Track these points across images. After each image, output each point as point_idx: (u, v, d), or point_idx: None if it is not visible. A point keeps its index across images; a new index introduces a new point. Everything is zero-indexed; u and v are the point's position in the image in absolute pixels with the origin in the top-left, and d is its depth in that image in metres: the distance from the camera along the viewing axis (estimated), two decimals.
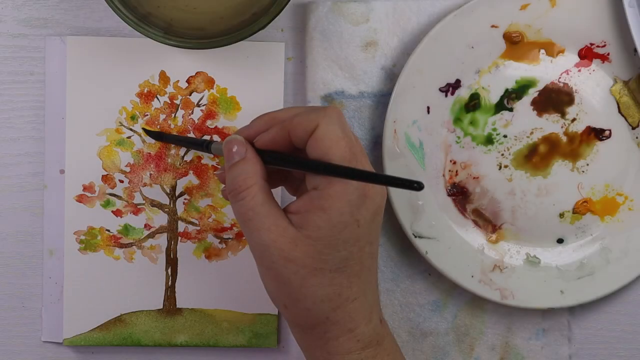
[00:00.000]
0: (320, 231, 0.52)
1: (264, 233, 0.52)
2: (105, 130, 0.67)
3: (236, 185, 0.54)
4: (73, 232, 0.68)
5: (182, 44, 0.61)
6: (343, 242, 0.52)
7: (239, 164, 0.55)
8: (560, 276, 0.69)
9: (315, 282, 0.52)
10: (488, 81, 0.68)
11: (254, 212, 0.53)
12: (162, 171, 0.68)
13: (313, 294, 0.53)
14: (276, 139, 0.55)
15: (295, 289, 0.53)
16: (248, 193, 0.53)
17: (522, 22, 0.67)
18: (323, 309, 0.53)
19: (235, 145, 0.55)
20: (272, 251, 0.52)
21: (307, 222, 0.52)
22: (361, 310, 0.54)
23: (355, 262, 0.53)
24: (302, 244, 0.52)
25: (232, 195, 0.54)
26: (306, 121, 0.53)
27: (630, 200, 0.69)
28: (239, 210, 0.54)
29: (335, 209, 0.52)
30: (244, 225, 0.54)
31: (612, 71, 0.68)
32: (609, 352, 0.71)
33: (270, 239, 0.52)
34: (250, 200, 0.53)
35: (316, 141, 0.53)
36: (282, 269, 0.52)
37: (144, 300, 0.68)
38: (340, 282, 0.53)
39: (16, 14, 0.67)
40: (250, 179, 0.54)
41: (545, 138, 0.69)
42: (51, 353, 0.69)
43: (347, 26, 0.67)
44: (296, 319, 0.55)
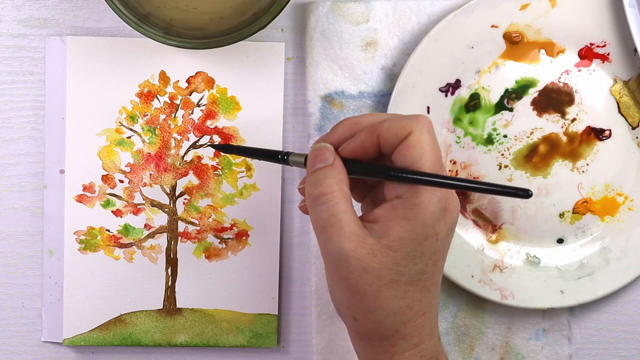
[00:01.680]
0: (401, 242, 0.51)
1: (344, 241, 0.51)
2: (105, 130, 0.67)
3: (319, 190, 0.52)
4: (73, 232, 0.68)
5: (182, 44, 0.61)
6: (421, 254, 0.51)
7: (324, 169, 0.53)
8: (560, 276, 0.69)
9: (389, 295, 0.51)
10: (488, 81, 0.68)
11: (336, 219, 0.51)
12: (162, 171, 0.68)
13: (386, 307, 0.51)
14: (365, 144, 0.53)
15: (369, 300, 0.51)
16: (332, 198, 0.51)
17: (522, 22, 0.67)
18: (394, 322, 0.52)
19: (324, 152, 0.53)
20: (350, 261, 0.50)
21: (388, 232, 0.51)
22: (427, 325, 0.53)
23: (429, 276, 0.52)
24: (381, 254, 0.51)
25: (313, 199, 0.52)
26: (398, 127, 0.52)
27: (630, 200, 0.69)
28: (320, 215, 0.51)
29: (419, 220, 0.51)
30: (323, 231, 0.51)
31: (612, 71, 0.68)
32: (609, 352, 0.71)
33: (350, 248, 0.50)
34: (333, 206, 0.51)
35: (408, 148, 0.51)
36: (358, 279, 0.51)
37: (144, 300, 0.68)
38: (413, 296, 0.52)
39: (16, 14, 0.67)
40: (334, 184, 0.52)
41: (545, 138, 0.69)
42: (51, 353, 0.69)
43: (347, 26, 0.67)
44: (365, 331, 0.53)
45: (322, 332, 0.69)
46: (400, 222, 0.51)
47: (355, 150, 0.53)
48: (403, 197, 0.51)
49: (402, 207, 0.51)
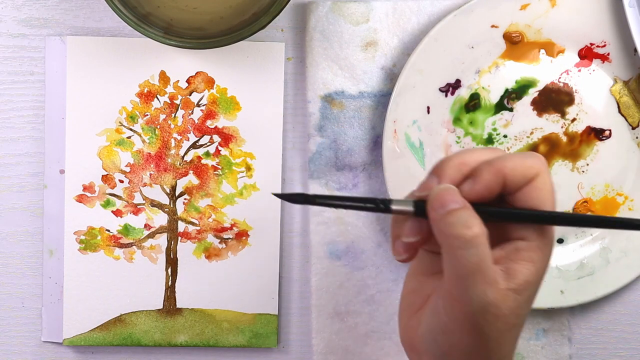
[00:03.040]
0: (527, 285, 0.49)
1: (488, 288, 0.48)
2: (105, 130, 0.67)
3: (471, 232, 0.48)
4: (73, 232, 0.68)
5: (182, 44, 0.61)
6: (535, 295, 0.50)
7: (460, 211, 0.48)
8: (560, 276, 0.69)
9: (507, 339, 0.50)
10: (488, 81, 0.68)
11: (485, 264, 0.48)
12: (162, 171, 0.68)
13: (500, 351, 0.50)
14: (491, 186, 0.49)
15: (492, 345, 0.49)
16: (482, 241, 0.48)
17: (522, 22, 0.67)
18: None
19: (454, 194, 0.49)
20: (489, 308, 0.48)
21: (515, 275, 0.49)
22: None
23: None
24: (509, 299, 0.48)
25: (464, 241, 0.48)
26: (524, 168, 0.49)
27: (630, 200, 0.69)
28: (470, 259, 0.48)
29: (543, 262, 0.50)
30: (468, 277, 0.48)
31: (612, 71, 0.68)
32: (609, 352, 0.71)
33: (492, 295, 0.48)
34: (483, 250, 0.48)
35: (536, 190, 0.49)
36: (489, 325, 0.48)
37: (144, 300, 0.68)
38: (517, 336, 0.51)
39: (16, 14, 0.67)
40: (477, 227, 0.48)
41: (545, 138, 0.69)
42: (51, 353, 0.69)
43: (347, 26, 0.67)
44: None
45: (322, 332, 0.69)
46: (527, 265, 0.49)
47: (482, 194, 0.50)
48: (528, 239, 0.49)
49: (527, 249, 0.49)
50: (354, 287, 0.69)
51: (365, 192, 0.69)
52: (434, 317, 0.50)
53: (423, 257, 0.54)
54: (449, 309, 0.49)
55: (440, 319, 0.50)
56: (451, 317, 0.49)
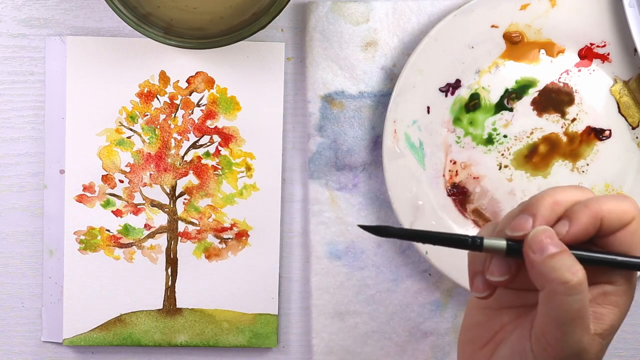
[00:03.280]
0: (612, 329, 0.49)
1: (585, 335, 0.47)
2: (105, 130, 0.67)
3: (577, 278, 0.47)
4: (73, 232, 0.68)
5: (182, 44, 0.61)
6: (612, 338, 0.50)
7: (562, 255, 0.47)
8: None
9: None
10: (488, 81, 0.68)
11: (586, 311, 0.47)
12: (162, 171, 0.68)
13: None
14: (587, 228, 0.49)
15: None
16: (584, 288, 0.47)
17: (522, 22, 0.67)
18: None
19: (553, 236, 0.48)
20: (583, 355, 0.48)
21: (601, 320, 0.49)
22: None
23: None
24: (596, 343, 0.48)
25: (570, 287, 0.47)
26: (621, 211, 0.49)
27: None
28: (573, 305, 0.47)
29: (626, 307, 0.50)
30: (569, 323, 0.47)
31: (612, 71, 0.68)
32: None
33: (588, 341, 0.48)
34: (585, 296, 0.47)
35: (630, 235, 0.49)
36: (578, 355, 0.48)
37: (143, 300, 0.68)
38: None
39: (16, 14, 0.67)
40: (581, 272, 0.47)
41: (545, 138, 0.69)
42: (51, 353, 0.69)
43: (347, 26, 0.67)
44: None
45: (322, 332, 0.69)
46: (613, 309, 0.49)
47: (579, 237, 0.49)
48: (616, 284, 0.49)
49: (615, 293, 0.49)
50: (354, 287, 0.69)
51: (365, 192, 0.69)
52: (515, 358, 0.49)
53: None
54: (539, 352, 0.48)
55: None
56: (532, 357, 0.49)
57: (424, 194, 0.68)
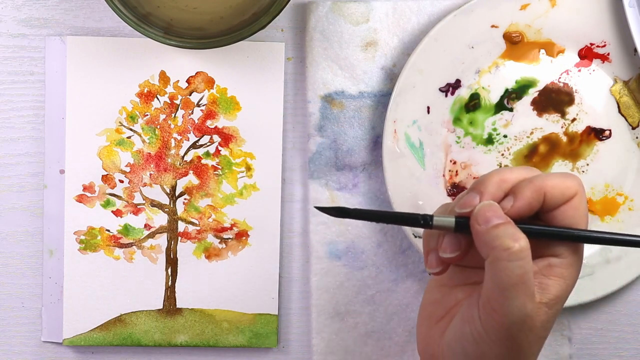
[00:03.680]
0: (557, 300, 0.51)
1: (528, 301, 0.49)
2: (105, 130, 0.67)
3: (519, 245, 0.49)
4: (73, 232, 0.68)
5: (182, 44, 0.61)
6: (560, 310, 0.52)
7: (506, 225, 0.50)
8: None
9: (534, 351, 0.51)
10: (488, 81, 0.68)
11: (528, 277, 0.49)
12: (162, 171, 0.68)
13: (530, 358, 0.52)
14: (532, 204, 0.51)
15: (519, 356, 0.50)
16: (528, 254, 0.49)
17: (522, 22, 0.67)
18: None
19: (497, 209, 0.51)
20: (526, 320, 0.49)
21: (547, 290, 0.51)
22: None
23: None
24: (542, 312, 0.51)
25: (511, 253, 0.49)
26: (564, 187, 0.51)
27: (630, 200, 0.69)
28: (515, 272, 0.49)
29: (572, 279, 0.52)
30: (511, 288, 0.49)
31: (612, 71, 0.68)
32: (609, 352, 0.71)
33: (531, 307, 0.49)
34: (527, 263, 0.49)
35: (573, 209, 0.51)
36: (523, 337, 0.50)
37: (144, 300, 0.68)
38: (540, 349, 0.52)
39: (16, 14, 0.67)
40: (523, 240, 0.49)
41: (545, 138, 0.69)
42: (51, 353, 0.69)
43: (347, 26, 0.67)
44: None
45: (322, 332, 0.69)
46: (558, 280, 0.51)
47: (522, 210, 0.51)
48: (562, 256, 0.51)
49: (560, 266, 0.51)
50: (354, 287, 0.69)
51: (365, 192, 0.69)
52: (465, 326, 0.51)
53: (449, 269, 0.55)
54: (485, 319, 0.50)
55: (474, 329, 0.51)
56: (487, 327, 0.50)
57: (424, 194, 0.68)
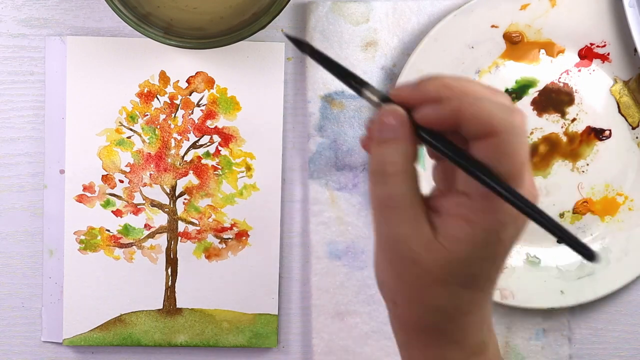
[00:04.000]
0: (458, 243, 0.45)
1: (399, 226, 0.46)
2: (105, 130, 0.67)
3: (381, 167, 0.46)
4: (73, 232, 0.68)
5: (182, 44, 0.61)
6: (480, 259, 0.46)
7: (390, 144, 0.46)
8: (560, 276, 0.69)
9: (435, 293, 0.46)
10: (488, 81, 0.68)
11: (394, 202, 0.46)
12: (162, 171, 0.68)
13: (429, 303, 0.47)
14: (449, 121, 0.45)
15: (414, 292, 0.47)
16: (393, 180, 0.46)
17: (522, 22, 0.67)
18: (435, 319, 0.47)
19: (393, 119, 0.46)
20: (402, 247, 0.46)
21: (446, 229, 0.46)
22: (473, 323, 0.48)
23: (485, 279, 0.47)
24: (435, 250, 0.46)
25: (375, 175, 0.47)
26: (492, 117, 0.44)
27: (630, 200, 0.69)
28: (379, 194, 0.46)
29: (481, 226, 0.45)
30: (379, 211, 0.47)
31: (612, 71, 0.68)
32: (609, 352, 0.71)
33: (405, 234, 0.46)
34: (392, 188, 0.46)
35: (496, 146, 0.44)
36: (406, 268, 0.46)
37: (144, 300, 0.68)
38: (462, 297, 0.47)
39: (16, 14, 0.67)
40: (398, 164, 0.46)
41: (545, 138, 0.69)
42: (51, 353, 0.69)
43: (347, 26, 0.67)
44: (404, 319, 0.49)
45: (322, 332, 0.69)
46: (461, 222, 0.45)
47: (434, 122, 0.46)
48: (471, 197, 0.45)
49: (466, 207, 0.45)
50: (354, 287, 0.69)
51: (365, 192, 0.69)
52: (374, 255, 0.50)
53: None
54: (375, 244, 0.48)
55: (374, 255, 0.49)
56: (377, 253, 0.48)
57: None
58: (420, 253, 0.46)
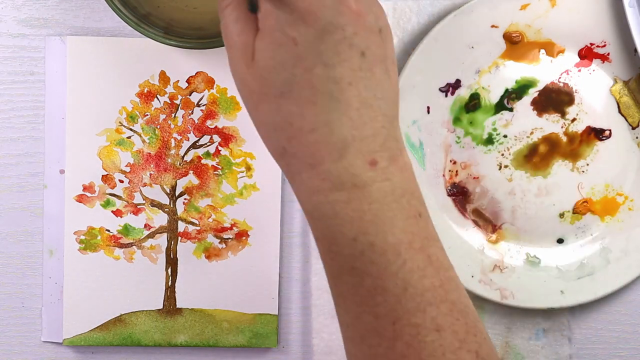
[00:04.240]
0: (258, 52, 0.48)
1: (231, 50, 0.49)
2: (105, 130, 0.67)
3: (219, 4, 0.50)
4: (73, 232, 0.68)
5: (182, 44, 0.61)
6: (280, 63, 0.47)
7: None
8: (560, 276, 0.69)
9: (265, 109, 0.48)
10: (488, 81, 0.68)
11: (228, 30, 0.49)
12: (162, 171, 0.68)
13: (265, 121, 0.49)
14: None
15: (252, 113, 0.50)
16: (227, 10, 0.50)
17: (522, 22, 0.67)
18: (278, 138, 0.49)
19: None
20: (237, 73, 0.49)
21: (256, 44, 0.48)
22: (324, 144, 0.47)
23: (304, 87, 0.47)
24: (251, 66, 0.48)
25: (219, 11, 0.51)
26: None
27: (630, 200, 0.69)
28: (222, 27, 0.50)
29: (267, 28, 0.47)
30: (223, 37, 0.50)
31: (612, 71, 0.68)
32: (609, 352, 0.71)
33: (236, 55, 0.49)
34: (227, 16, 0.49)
35: None
36: (241, 90, 0.50)
37: (144, 300, 0.68)
38: (289, 110, 0.48)
39: (16, 14, 0.67)
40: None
41: (545, 138, 0.69)
42: (51, 353, 0.69)
43: None
44: (266, 146, 0.51)
45: (322, 332, 0.69)
46: (257, 34, 0.48)
47: None
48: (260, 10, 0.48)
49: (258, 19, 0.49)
50: None
51: None
52: None
53: None
54: None
55: None
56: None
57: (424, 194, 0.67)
58: (244, 72, 0.49)
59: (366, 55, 0.48)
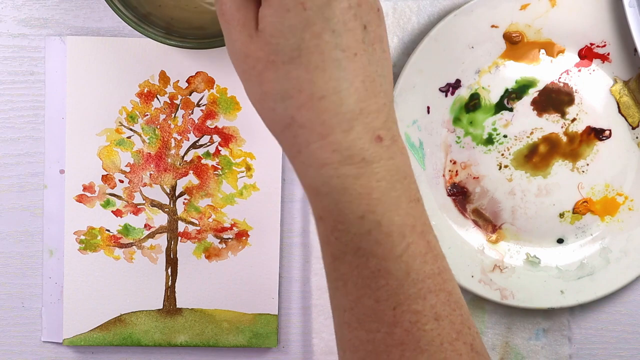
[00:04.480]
0: (265, 19, 0.47)
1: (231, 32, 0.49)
2: (105, 130, 0.67)
3: None
4: (73, 232, 0.68)
5: (182, 44, 0.61)
6: (289, 28, 0.46)
7: None
8: (560, 276, 0.69)
9: (271, 77, 0.47)
10: (488, 81, 0.68)
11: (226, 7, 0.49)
12: (162, 171, 0.68)
13: (270, 91, 0.47)
14: None
15: (254, 87, 0.48)
16: None
17: (522, 22, 0.67)
18: (285, 107, 0.47)
19: None
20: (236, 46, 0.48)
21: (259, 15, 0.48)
22: (334, 112, 0.47)
23: (313, 52, 0.47)
24: (256, 37, 0.47)
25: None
26: None
27: (630, 200, 0.69)
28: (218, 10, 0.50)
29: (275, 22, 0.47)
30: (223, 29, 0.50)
31: (612, 71, 0.68)
32: (609, 352, 0.71)
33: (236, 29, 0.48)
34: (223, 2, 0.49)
35: None
36: (243, 64, 0.48)
37: (144, 300, 0.68)
38: (299, 76, 0.47)
39: (16, 14, 0.67)
40: None
41: (545, 138, 0.69)
42: (51, 353, 0.69)
43: None
44: (266, 122, 0.50)
45: (322, 332, 0.69)
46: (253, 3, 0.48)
47: None
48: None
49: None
50: None
51: None
52: None
53: None
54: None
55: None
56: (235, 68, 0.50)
57: (424, 194, 0.67)
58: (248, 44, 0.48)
59: (367, 30, 0.48)
